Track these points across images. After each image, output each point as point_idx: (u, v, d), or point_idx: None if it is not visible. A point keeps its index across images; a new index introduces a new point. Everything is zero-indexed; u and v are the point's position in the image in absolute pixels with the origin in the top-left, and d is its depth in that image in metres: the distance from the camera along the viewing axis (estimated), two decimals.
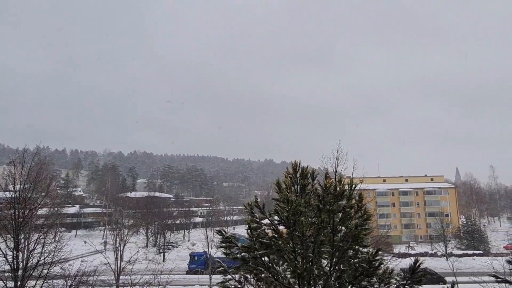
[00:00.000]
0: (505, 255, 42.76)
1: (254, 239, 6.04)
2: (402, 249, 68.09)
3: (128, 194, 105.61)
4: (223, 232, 6.84)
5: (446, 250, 65.22)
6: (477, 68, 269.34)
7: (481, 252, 64.50)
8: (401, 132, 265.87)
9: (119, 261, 31.91)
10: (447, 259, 59.06)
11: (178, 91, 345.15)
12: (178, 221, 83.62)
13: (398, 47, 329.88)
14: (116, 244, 33.89)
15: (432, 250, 68.06)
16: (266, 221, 6.78)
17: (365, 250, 6.40)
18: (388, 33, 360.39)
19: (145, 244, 69.80)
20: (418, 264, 5.38)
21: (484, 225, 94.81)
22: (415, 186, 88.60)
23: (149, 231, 74.11)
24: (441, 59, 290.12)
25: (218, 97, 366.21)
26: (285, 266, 6.46)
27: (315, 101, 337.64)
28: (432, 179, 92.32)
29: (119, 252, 33.13)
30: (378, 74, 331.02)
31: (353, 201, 6.03)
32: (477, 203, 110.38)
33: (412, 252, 67.12)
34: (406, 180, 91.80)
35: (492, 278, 11.07)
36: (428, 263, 57.70)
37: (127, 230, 40.27)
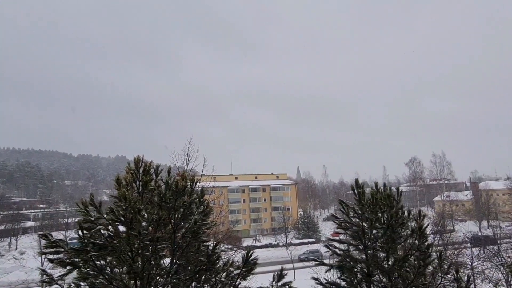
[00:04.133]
0: (331, 241, 50.95)
1: (85, 240, 5.43)
2: (250, 242, 73.37)
3: None
4: (48, 236, 5.97)
5: (286, 241, 73.36)
6: (303, 82, 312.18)
7: (314, 240, 74.85)
8: (244, 134, 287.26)
9: None
10: (287, 249, 66.49)
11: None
12: (2, 227, 70.32)
13: (232, 58, 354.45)
14: None
15: (275, 241, 75.46)
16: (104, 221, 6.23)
17: (207, 244, 6.53)
18: (222, 43, 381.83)
19: None
20: (250, 254, 5.75)
21: (317, 217, 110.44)
22: (263, 183, 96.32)
23: None
24: (270, 72, 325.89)
25: (58, 90, 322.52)
26: (125, 268, 6.06)
27: (161, 101, 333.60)
28: (277, 177, 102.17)
29: None
30: (215, 80, 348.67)
31: (195, 197, 6.05)
32: (312, 197, 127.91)
33: (258, 244, 73.15)
34: (256, 177, 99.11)
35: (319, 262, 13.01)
36: (271, 253, 63.92)
37: None
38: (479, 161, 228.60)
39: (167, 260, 6.38)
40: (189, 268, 6.29)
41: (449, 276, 7.13)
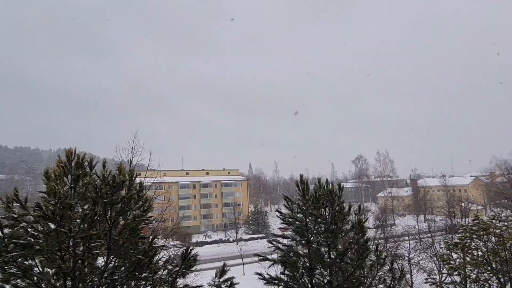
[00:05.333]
0: (275, 236, 52.08)
1: (6, 239, 4.93)
2: (200, 238, 72.74)
3: None
4: None
5: (236, 236, 73.61)
6: (253, 78, 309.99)
7: (263, 235, 75.79)
8: (195, 130, 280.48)
9: None
10: (237, 244, 66.79)
11: None
12: None
13: (179, 53, 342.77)
14: None
15: (225, 237, 75.43)
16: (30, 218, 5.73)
17: (147, 242, 6.25)
18: (169, 37, 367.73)
19: None
20: (189, 251, 5.58)
21: (267, 212, 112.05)
22: (214, 179, 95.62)
23: None
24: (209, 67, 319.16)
25: None
26: (55, 269, 5.62)
27: (105, 94, 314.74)
28: (229, 173, 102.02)
29: None
30: (162, 75, 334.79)
31: (133, 192, 5.73)
32: (263, 193, 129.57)
33: (209, 240, 72.77)
34: (207, 173, 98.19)
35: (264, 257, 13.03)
36: (221, 249, 63.88)
37: None
38: (419, 159, 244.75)
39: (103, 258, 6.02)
40: (126, 266, 5.98)
41: (385, 267, 7.48)
